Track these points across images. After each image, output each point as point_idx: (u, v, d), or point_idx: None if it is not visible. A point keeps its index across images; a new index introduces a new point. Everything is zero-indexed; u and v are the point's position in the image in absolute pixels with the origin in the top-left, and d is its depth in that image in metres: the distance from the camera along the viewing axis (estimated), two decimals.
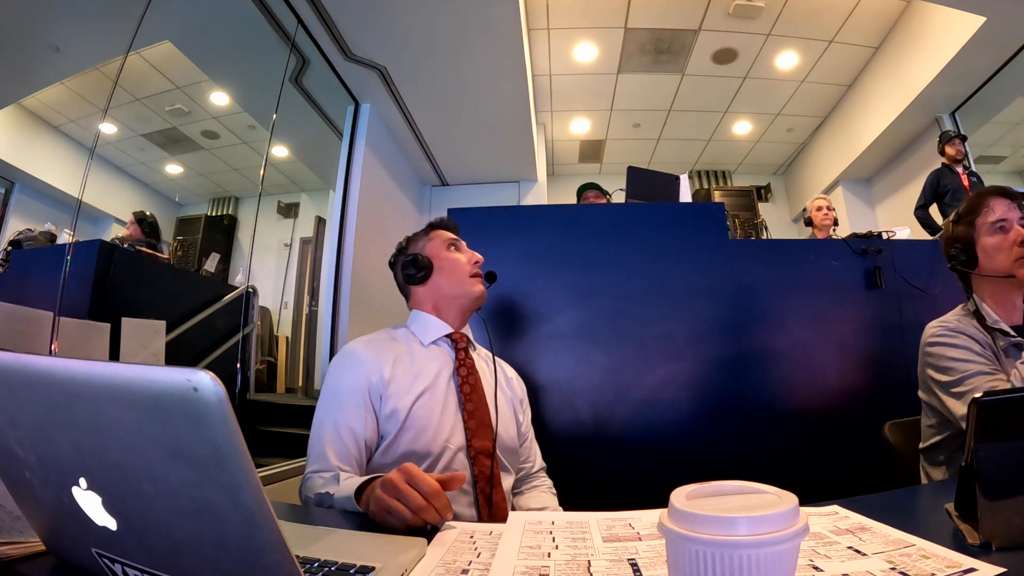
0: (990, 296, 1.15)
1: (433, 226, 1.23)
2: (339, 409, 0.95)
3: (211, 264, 4.05)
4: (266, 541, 0.35)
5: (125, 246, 2.99)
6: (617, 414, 1.73)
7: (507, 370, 1.23)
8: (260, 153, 4.67)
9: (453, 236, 1.19)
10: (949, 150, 3.67)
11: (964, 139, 3.74)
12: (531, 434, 1.21)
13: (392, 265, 1.22)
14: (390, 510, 0.65)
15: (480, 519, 0.95)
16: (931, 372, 1.14)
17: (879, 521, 0.60)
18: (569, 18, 4.04)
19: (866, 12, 4.03)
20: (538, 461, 1.20)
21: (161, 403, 0.33)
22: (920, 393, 1.22)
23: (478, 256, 1.18)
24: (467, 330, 1.18)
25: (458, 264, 1.14)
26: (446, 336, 1.11)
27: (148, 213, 3.53)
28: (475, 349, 1.16)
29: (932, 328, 1.17)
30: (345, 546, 0.57)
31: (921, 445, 1.21)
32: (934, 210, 3.73)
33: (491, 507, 0.96)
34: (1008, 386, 1.00)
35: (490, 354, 1.17)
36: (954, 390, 1.07)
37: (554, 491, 1.16)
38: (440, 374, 1.04)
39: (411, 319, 1.15)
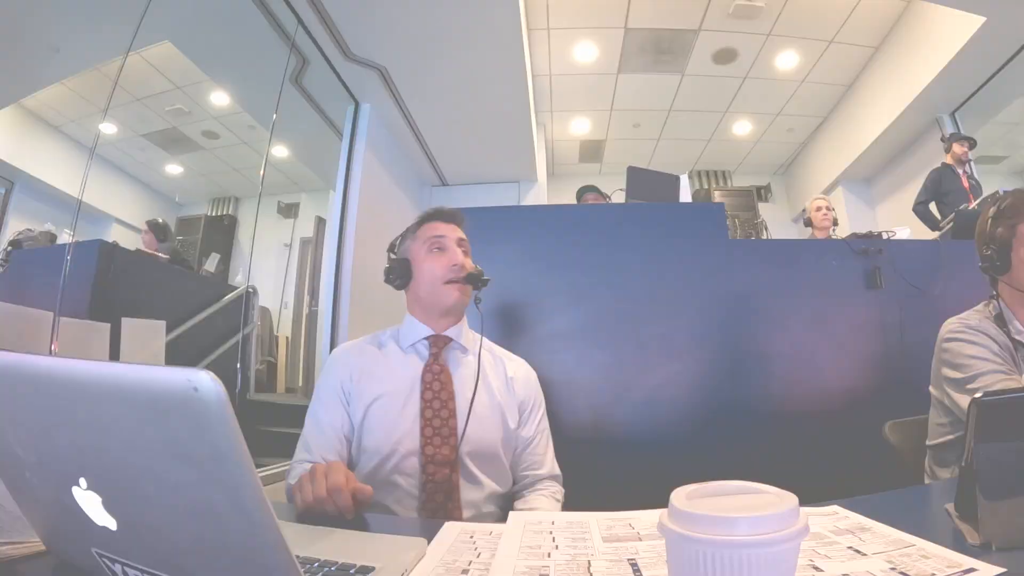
0: (1020, 304, 1.09)
1: (425, 218, 1.15)
2: (320, 407, 1.04)
3: (211, 264, 4.06)
4: (266, 541, 0.35)
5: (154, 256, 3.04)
6: (617, 414, 1.73)
7: (510, 370, 1.15)
8: (260, 153, 4.66)
9: (439, 234, 1.11)
10: (957, 148, 3.65)
11: (973, 144, 3.71)
12: (542, 439, 1.14)
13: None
14: (300, 488, 0.75)
15: None
16: (945, 369, 1.11)
17: (879, 521, 0.60)
18: (569, 18, 4.04)
19: (866, 12, 4.03)
20: (547, 467, 1.12)
21: (161, 403, 0.33)
22: (931, 389, 1.18)
23: (457, 259, 1.09)
24: (461, 328, 1.13)
25: (433, 272, 1.09)
26: (424, 339, 1.10)
27: (161, 220, 3.58)
28: (466, 351, 1.12)
29: (951, 324, 1.13)
30: (345, 546, 0.57)
31: (929, 442, 1.18)
32: (932, 208, 3.72)
33: (446, 517, 0.89)
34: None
35: (492, 353, 1.14)
36: (968, 387, 1.04)
37: (558, 498, 1.09)
38: (407, 378, 1.05)
39: (404, 320, 1.15)
